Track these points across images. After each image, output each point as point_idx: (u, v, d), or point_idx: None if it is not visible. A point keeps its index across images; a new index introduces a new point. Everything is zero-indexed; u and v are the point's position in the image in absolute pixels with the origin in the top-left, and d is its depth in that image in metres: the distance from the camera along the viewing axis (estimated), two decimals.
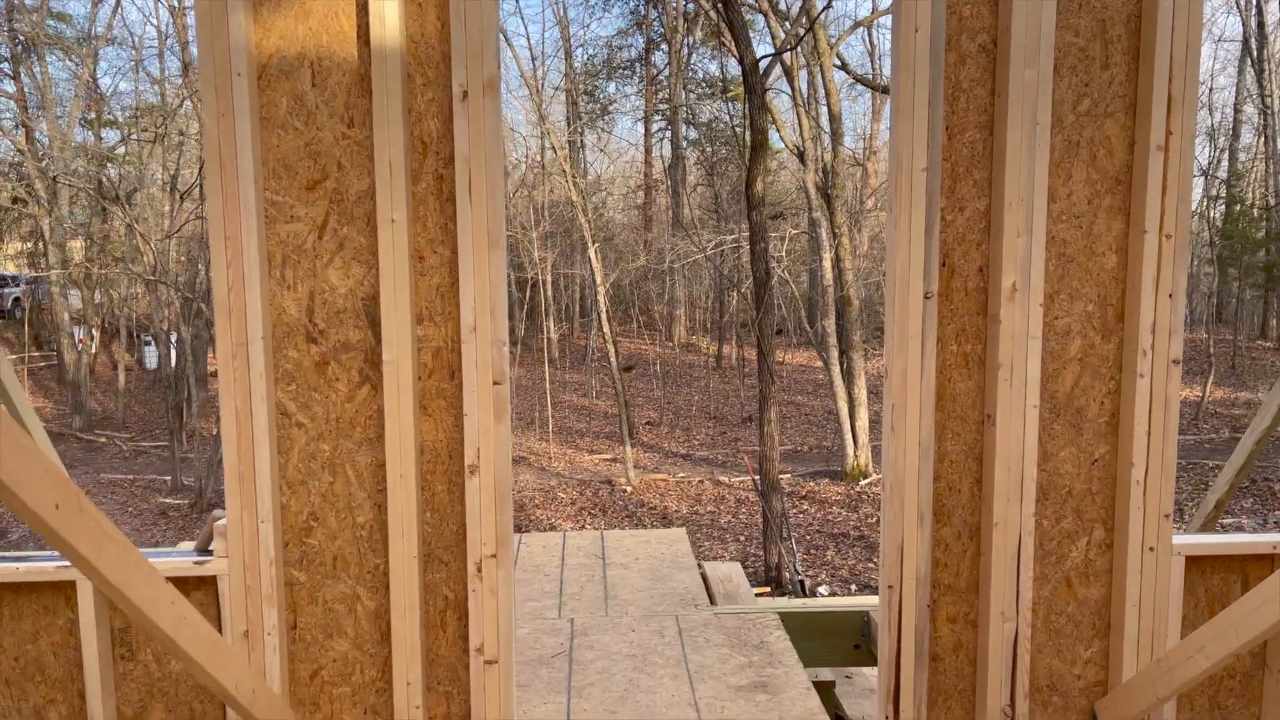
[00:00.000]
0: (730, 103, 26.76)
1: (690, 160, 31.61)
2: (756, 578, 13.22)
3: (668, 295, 33.17)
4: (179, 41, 23.05)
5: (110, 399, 26.89)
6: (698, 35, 27.80)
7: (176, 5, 23.11)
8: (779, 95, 22.34)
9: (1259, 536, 3.38)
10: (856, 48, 39.59)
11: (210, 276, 3.06)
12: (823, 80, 19.54)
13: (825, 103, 19.98)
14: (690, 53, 29.06)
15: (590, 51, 34.13)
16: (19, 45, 25.55)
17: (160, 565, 3.08)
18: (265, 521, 3.05)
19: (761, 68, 14.05)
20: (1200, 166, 28.11)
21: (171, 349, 23.32)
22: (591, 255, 21.40)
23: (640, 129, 33.83)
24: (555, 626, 4.40)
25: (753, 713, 3.65)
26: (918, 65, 3.02)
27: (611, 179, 33.09)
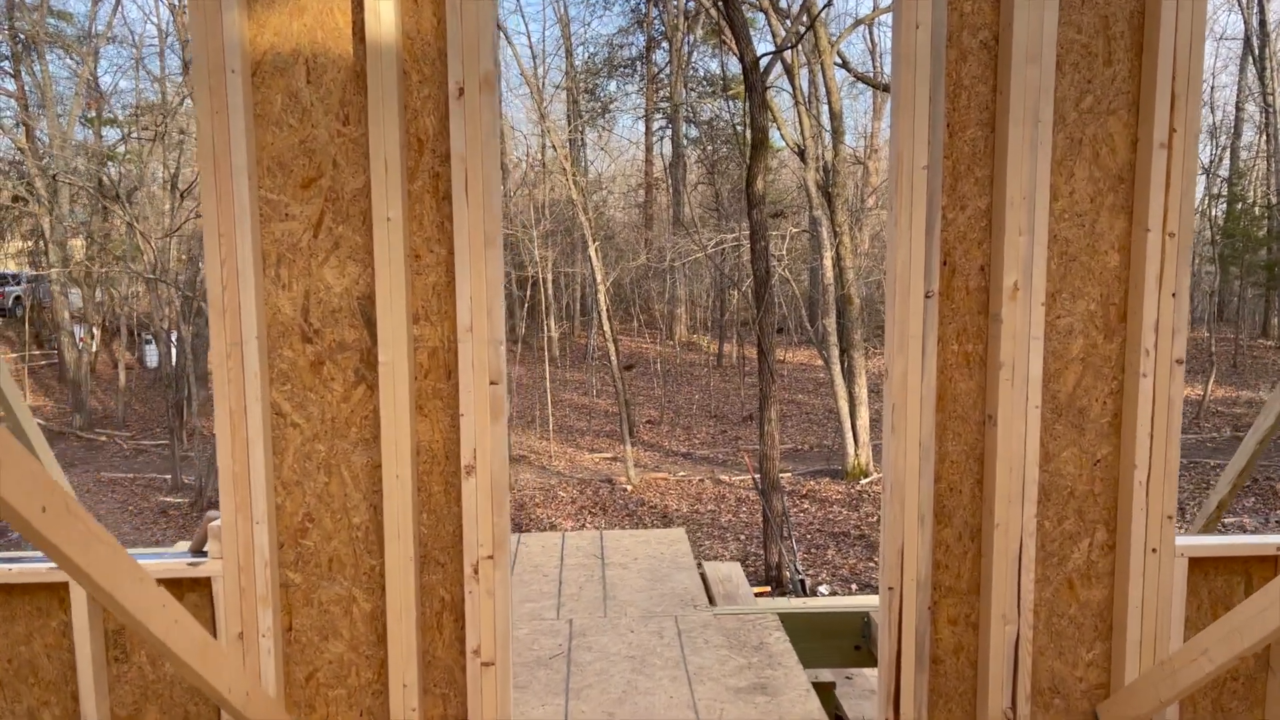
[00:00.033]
0: (731, 101, 26.73)
1: (691, 158, 31.58)
2: (757, 577, 13.20)
3: (668, 294, 33.14)
4: (179, 39, 23.03)
5: (111, 397, 26.89)
6: (698, 33, 27.76)
7: (177, 3, 23.09)
8: (780, 93, 22.29)
9: (1262, 538, 3.35)
10: (857, 45, 39.56)
11: (205, 276, 3.03)
12: (823, 78, 19.50)
13: (826, 101, 19.95)
14: (691, 51, 29.03)
15: (591, 50, 34.04)
16: (19, 43, 25.53)
17: (154, 567, 3.05)
18: (260, 523, 3.03)
19: (762, 66, 14.01)
20: (1202, 165, 28.06)
21: (172, 347, 23.31)
22: (592, 254, 21.37)
23: (641, 127, 33.83)
24: (554, 627, 4.37)
25: (752, 715, 3.62)
26: (918, 62, 2.99)
27: (612, 177, 33.05)
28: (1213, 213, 28.21)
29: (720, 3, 15.86)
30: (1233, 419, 20.93)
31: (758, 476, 14.44)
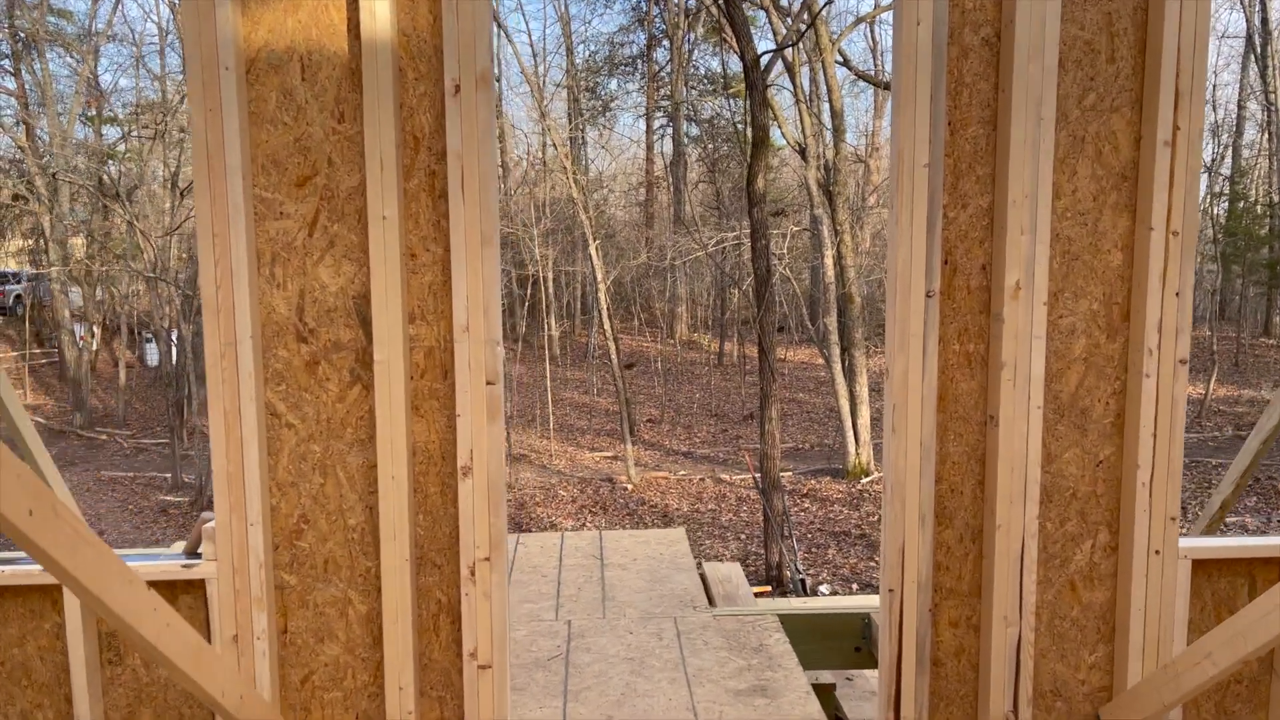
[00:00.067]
0: (731, 99, 26.70)
1: (692, 157, 31.55)
2: (757, 576, 13.18)
3: (669, 292, 33.11)
4: (179, 37, 22.99)
5: (111, 396, 26.88)
6: (699, 31, 27.73)
7: (176, 1, 23.05)
8: (781, 91, 22.26)
9: (1266, 540, 3.32)
10: (859, 43, 39.51)
11: (198, 274, 3.01)
12: (824, 76, 19.46)
13: (827, 99, 19.91)
14: (692, 49, 29.00)
15: (592, 48, 34.08)
16: (19, 41, 25.51)
17: (148, 569, 3.03)
18: (255, 524, 3.00)
19: (763, 64, 13.98)
20: (1203, 163, 27.98)
21: (172, 346, 23.31)
22: (593, 252, 21.34)
23: (642, 125, 33.81)
24: (552, 629, 4.34)
25: (751, 717, 3.60)
26: (919, 59, 2.96)
27: (613, 176, 33.02)
28: (1214, 211, 28.16)
29: (721, 0, 15.82)
30: (1234, 418, 20.89)
31: (758, 475, 14.41)
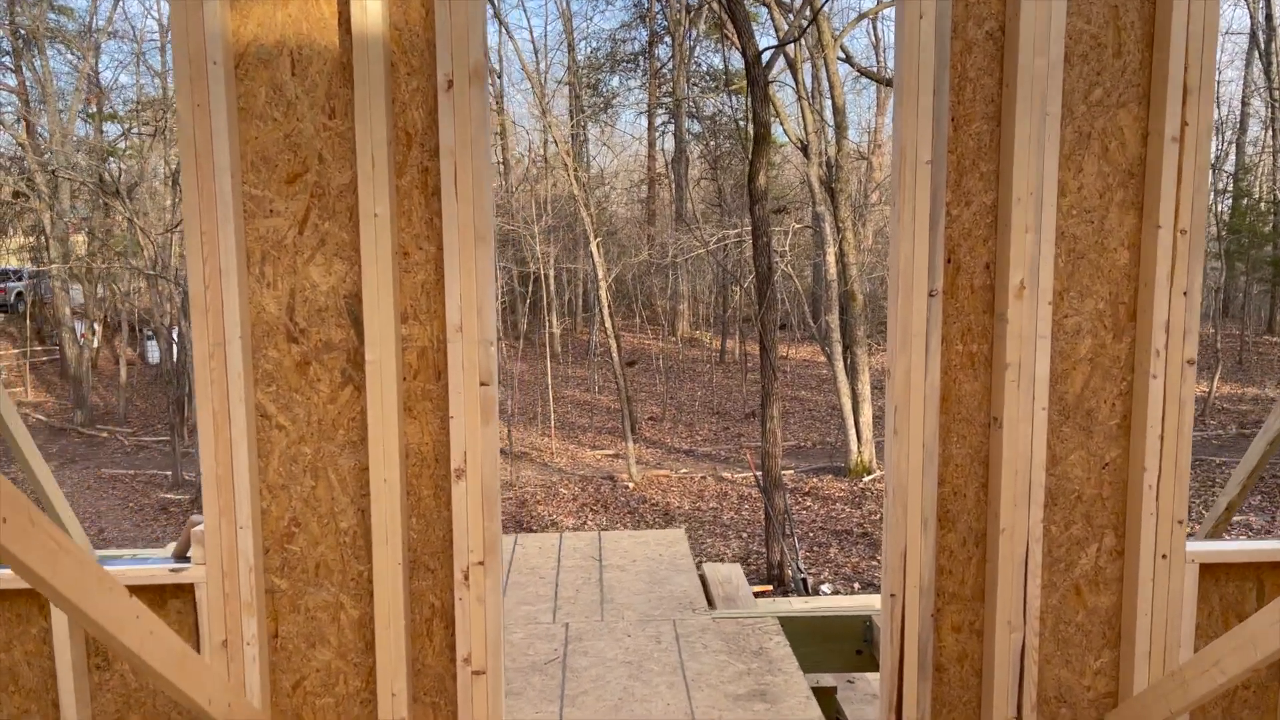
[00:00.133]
0: (733, 96, 26.63)
1: (693, 154, 31.47)
2: (759, 575, 13.13)
3: (671, 290, 33.05)
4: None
5: (112, 393, 26.85)
6: (701, 28, 27.65)
7: None
8: (783, 88, 22.21)
9: (1275, 543, 3.26)
10: (861, 40, 39.44)
11: (187, 274, 2.95)
12: (826, 73, 19.38)
13: (829, 95, 19.83)
14: (694, 45, 28.91)
15: (593, 44, 33.96)
16: (20, 38, 25.46)
17: (136, 572, 2.97)
18: (244, 527, 2.95)
19: (765, 60, 13.91)
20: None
21: (173, 343, 23.28)
22: (594, 250, 21.28)
23: (643, 122, 33.70)
24: (549, 632, 4.29)
25: None
26: (922, 53, 2.90)
27: (614, 173, 32.94)
28: (1218, 208, 28.05)
29: None
30: (1238, 416, 20.81)
31: (760, 474, 14.36)
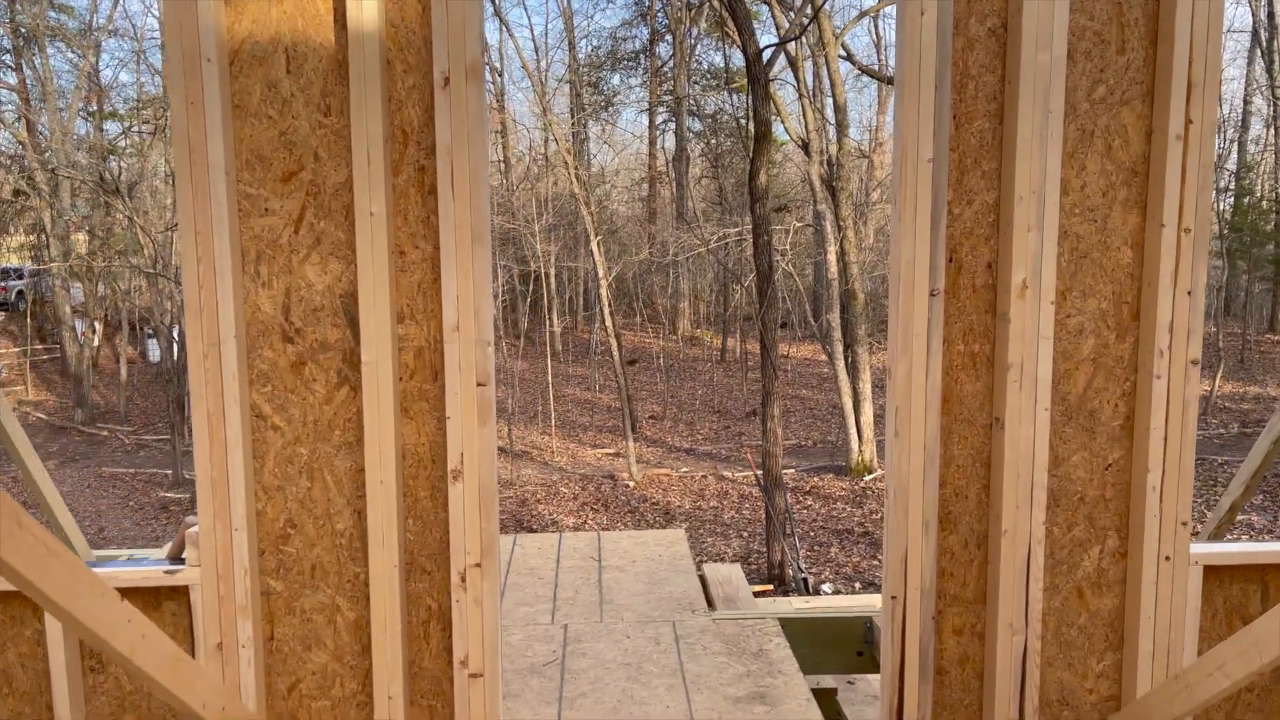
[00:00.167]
0: (734, 94, 26.58)
1: (694, 152, 31.43)
2: (759, 575, 13.10)
3: (671, 288, 33.01)
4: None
5: (113, 392, 26.84)
6: (702, 26, 27.60)
7: None
8: (784, 86, 22.16)
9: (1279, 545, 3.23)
10: (862, 38, 39.38)
11: (181, 273, 2.93)
12: (827, 71, 19.34)
13: (830, 94, 19.79)
14: (695, 44, 28.87)
15: (594, 43, 33.94)
16: (20, 37, 25.44)
17: (130, 575, 2.95)
18: (239, 529, 2.92)
19: (765, 58, 13.87)
20: None
21: (174, 342, 23.26)
22: (594, 248, 21.25)
23: (644, 121, 33.66)
24: (548, 633, 4.26)
25: None
26: (924, 50, 2.87)
27: (615, 171, 32.90)
28: (1220, 206, 28.00)
29: None
30: (1240, 415, 20.77)
31: (760, 473, 14.33)
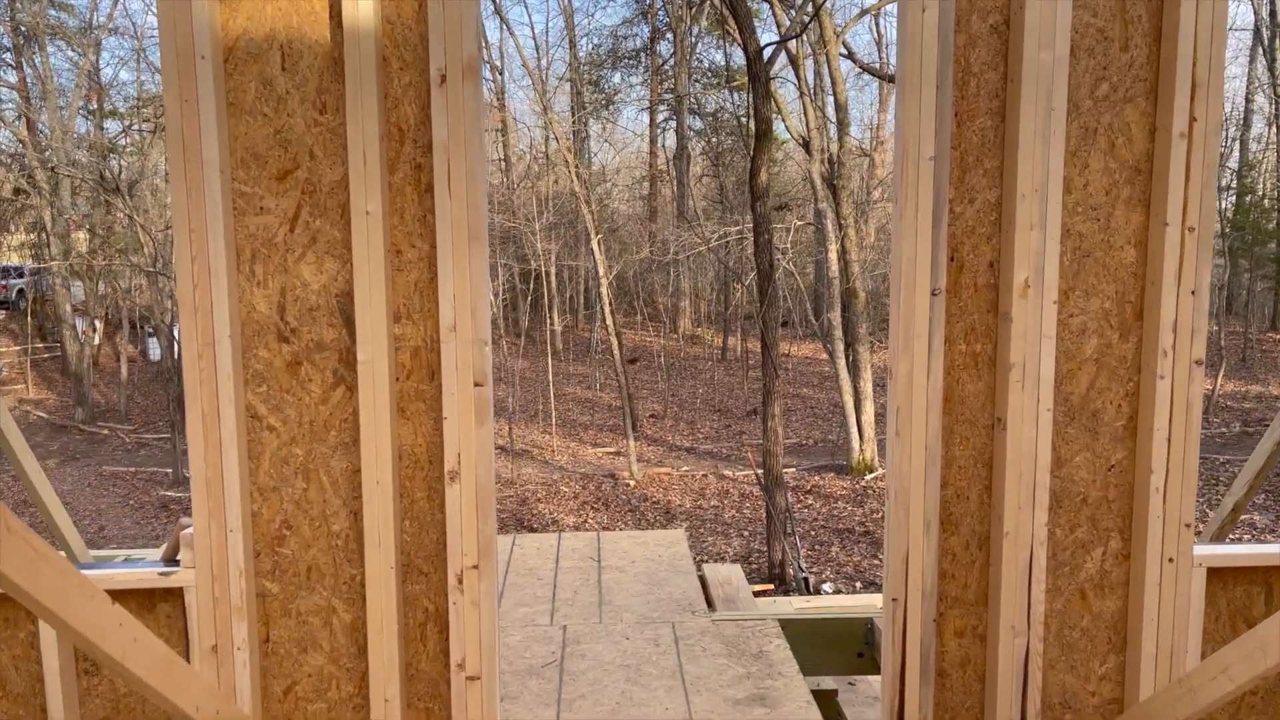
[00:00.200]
0: (735, 92, 26.55)
1: (695, 151, 31.38)
2: (760, 574, 13.08)
3: (672, 287, 32.98)
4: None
5: (113, 391, 26.83)
6: (702, 24, 27.56)
7: None
8: (785, 85, 22.12)
9: None
10: (863, 37, 39.34)
11: (175, 272, 2.90)
12: (829, 69, 19.30)
13: (831, 92, 19.76)
14: (696, 42, 28.83)
15: (595, 41, 33.89)
16: (21, 35, 25.42)
17: (125, 576, 2.92)
18: (234, 530, 2.89)
19: (766, 56, 13.83)
20: None
21: (174, 341, 23.24)
22: (595, 247, 21.22)
23: (645, 119, 33.61)
24: (547, 634, 4.24)
25: None
26: (925, 47, 2.84)
27: (616, 170, 32.87)
28: (1222, 205, 27.95)
29: None
30: (1242, 414, 20.74)
31: (761, 472, 14.31)
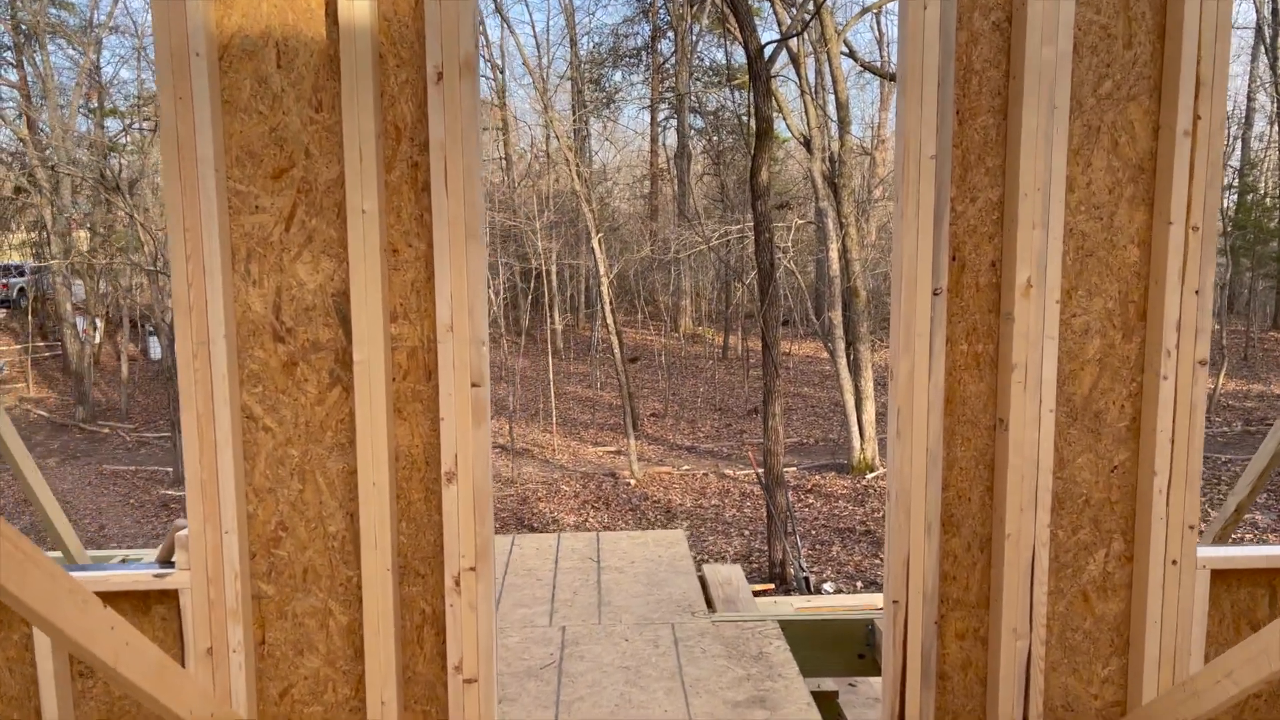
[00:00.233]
0: (736, 91, 26.51)
1: (696, 149, 31.34)
2: (760, 574, 13.06)
3: (673, 286, 32.94)
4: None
5: (114, 389, 26.82)
6: (703, 22, 27.52)
7: None
8: (785, 83, 22.08)
9: None
10: (865, 35, 39.29)
11: (170, 271, 2.88)
12: (829, 67, 19.27)
13: (832, 91, 19.72)
14: (697, 40, 28.79)
15: (596, 40, 33.84)
16: (21, 34, 25.41)
17: (119, 579, 2.90)
18: (230, 532, 2.87)
19: (767, 55, 13.80)
20: None
21: (174, 340, 23.19)
22: (596, 246, 21.19)
23: (646, 118, 33.57)
24: (545, 635, 4.22)
25: None
26: (927, 44, 2.81)
27: (617, 168, 32.83)
28: (1223, 203, 27.90)
29: None
30: (1243, 413, 20.70)
31: (762, 471, 14.28)
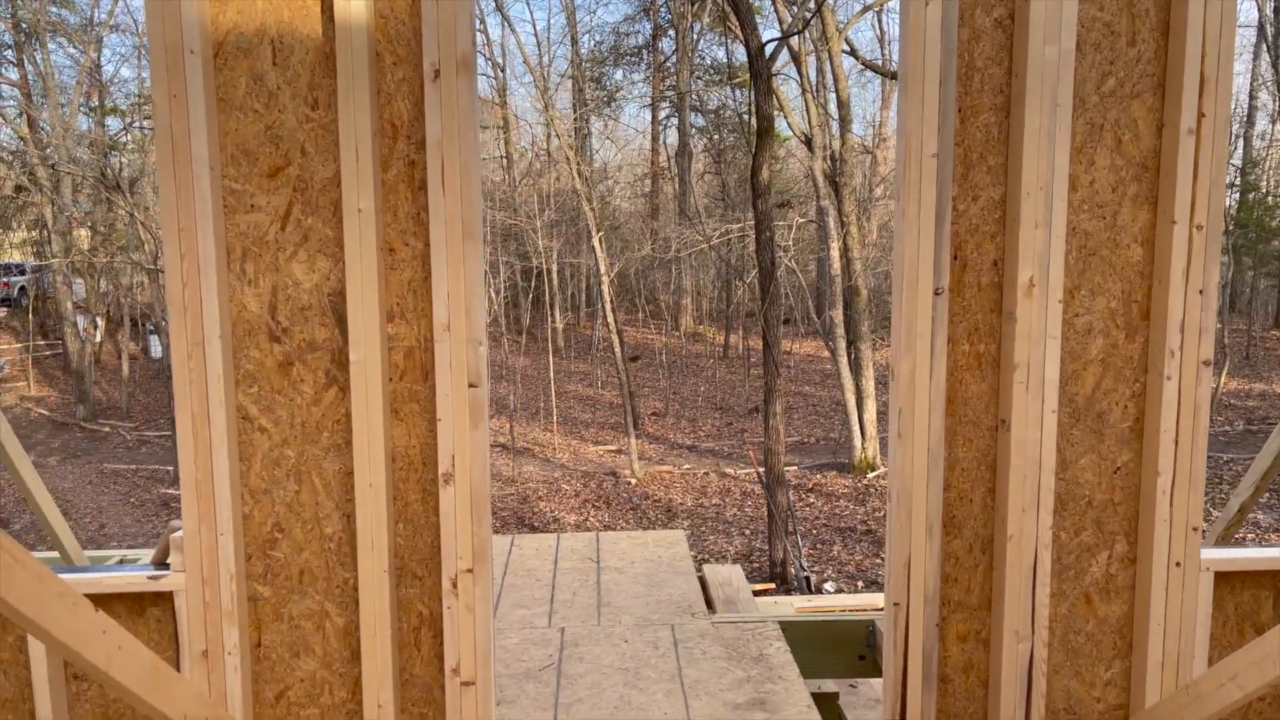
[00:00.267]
0: (737, 89, 26.46)
1: (697, 148, 31.30)
2: (761, 573, 13.04)
3: (674, 284, 32.91)
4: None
5: (115, 388, 26.81)
6: (704, 21, 27.48)
7: None
8: (787, 81, 22.05)
9: None
10: (866, 34, 39.22)
11: (164, 270, 2.85)
12: (831, 66, 19.24)
13: (834, 89, 19.68)
14: (698, 38, 28.75)
15: (597, 38, 33.78)
16: (22, 33, 25.39)
17: (114, 580, 2.88)
18: (225, 533, 2.85)
19: (768, 53, 13.77)
20: None
21: None
22: (596, 244, 21.16)
23: (647, 116, 33.53)
24: (545, 636, 4.19)
25: None
26: (928, 42, 2.79)
27: (618, 167, 32.80)
28: (1226, 202, 27.82)
29: None
30: (1245, 412, 20.67)
31: (762, 470, 14.26)
